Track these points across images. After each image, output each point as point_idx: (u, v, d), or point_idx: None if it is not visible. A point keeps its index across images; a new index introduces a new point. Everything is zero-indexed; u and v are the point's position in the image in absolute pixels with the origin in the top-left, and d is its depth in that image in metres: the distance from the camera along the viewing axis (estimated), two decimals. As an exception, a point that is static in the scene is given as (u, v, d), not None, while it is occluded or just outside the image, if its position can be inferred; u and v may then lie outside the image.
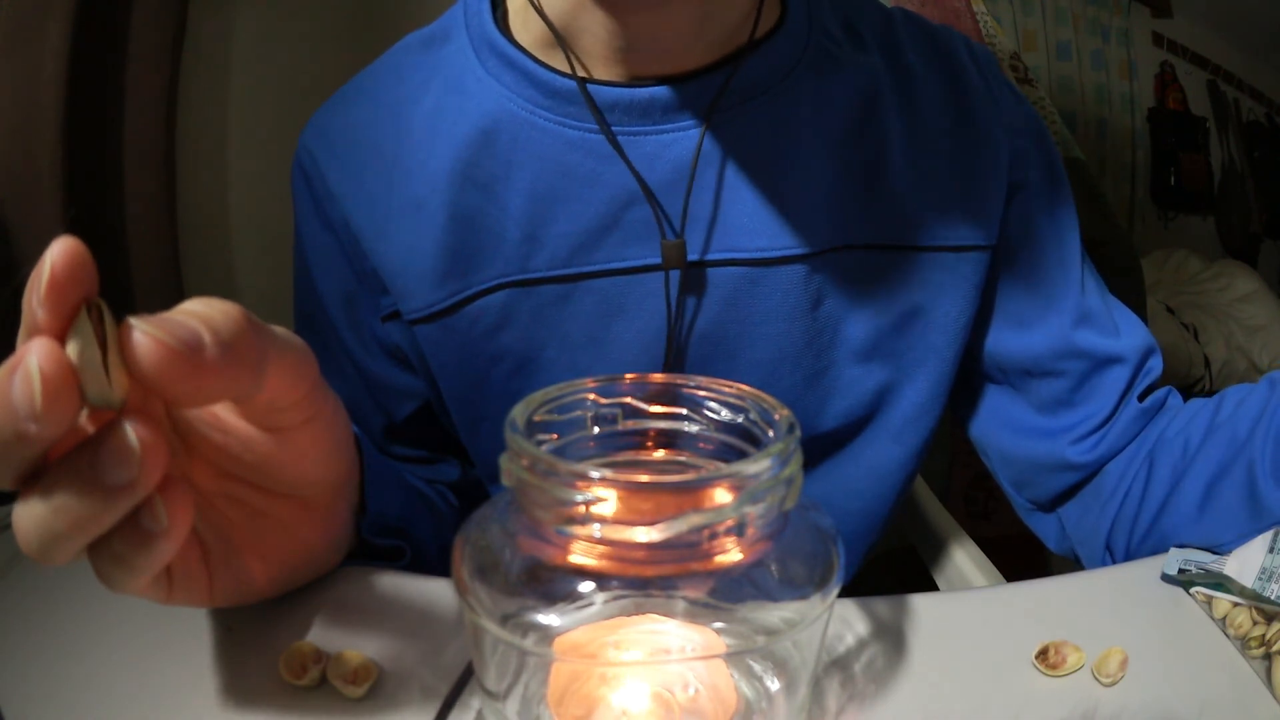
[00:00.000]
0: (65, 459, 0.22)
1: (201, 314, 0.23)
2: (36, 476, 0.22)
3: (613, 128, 0.44)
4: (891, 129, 0.47)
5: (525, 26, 0.46)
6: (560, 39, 0.43)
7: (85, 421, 0.24)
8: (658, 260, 0.45)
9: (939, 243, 0.48)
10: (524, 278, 0.46)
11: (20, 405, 0.20)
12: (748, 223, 0.45)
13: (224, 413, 0.28)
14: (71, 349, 0.21)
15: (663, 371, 0.44)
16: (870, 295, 0.48)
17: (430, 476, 0.54)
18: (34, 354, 0.20)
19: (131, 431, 0.22)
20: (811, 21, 0.47)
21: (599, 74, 0.45)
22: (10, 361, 0.21)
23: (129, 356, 0.22)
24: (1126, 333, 0.51)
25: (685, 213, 0.44)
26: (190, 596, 0.29)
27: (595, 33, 0.43)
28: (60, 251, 0.21)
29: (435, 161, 0.45)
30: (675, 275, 0.45)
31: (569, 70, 0.44)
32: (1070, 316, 0.51)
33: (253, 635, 0.32)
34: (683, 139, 0.44)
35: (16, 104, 0.74)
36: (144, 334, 0.21)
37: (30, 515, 0.22)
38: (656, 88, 0.44)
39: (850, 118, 0.47)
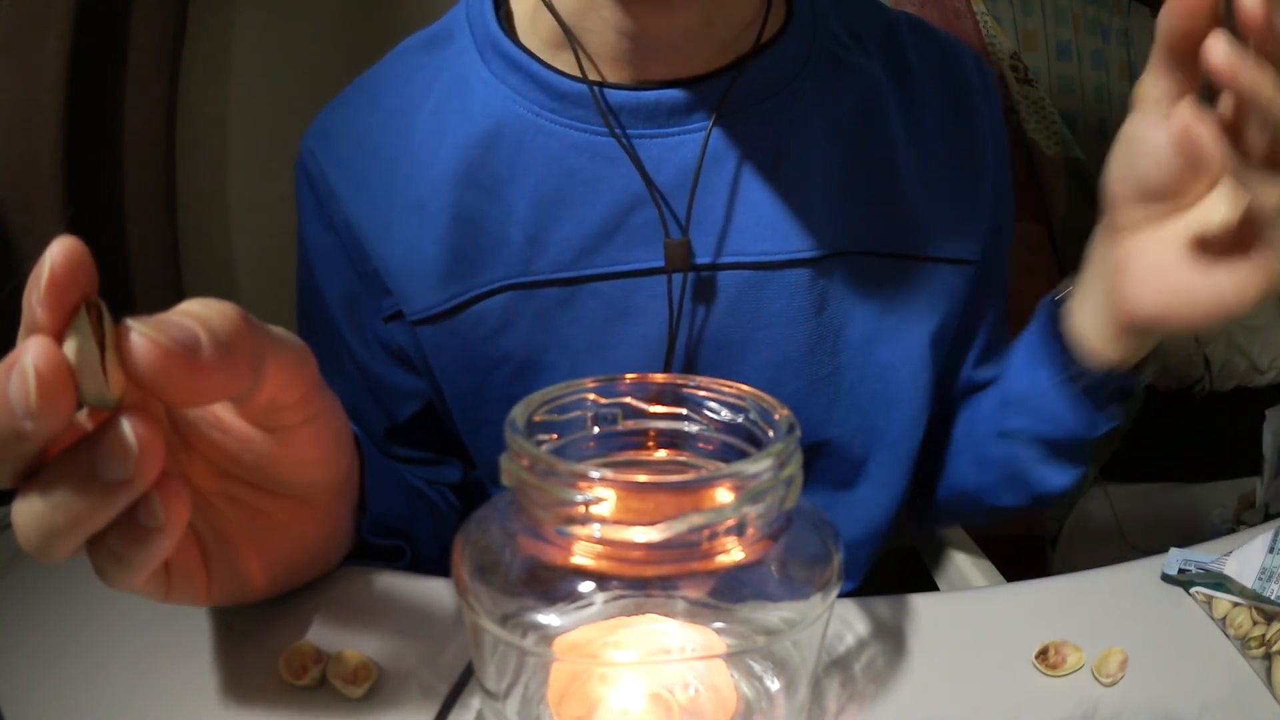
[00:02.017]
0: (64, 455, 0.22)
1: (199, 315, 0.23)
2: (36, 473, 0.22)
3: (619, 130, 0.44)
4: (896, 133, 0.47)
5: (532, 28, 0.46)
6: (571, 37, 0.43)
7: (85, 419, 0.24)
8: (661, 263, 0.45)
9: (936, 254, 0.49)
10: (526, 280, 0.45)
11: (16, 403, 0.20)
12: (753, 226, 0.45)
13: (223, 412, 0.28)
14: (69, 348, 0.21)
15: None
16: (872, 301, 0.48)
17: (431, 478, 0.54)
18: (30, 353, 0.20)
19: (129, 428, 0.22)
20: (817, 24, 0.47)
21: (605, 76, 0.44)
22: (7, 360, 0.21)
23: (126, 359, 0.22)
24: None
25: (689, 214, 0.44)
26: (189, 595, 0.29)
27: (604, 33, 0.43)
28: (60, 251, 0.21)
29: (439, 163, 0.45)
30: (678, 278, 0.45)
31: (575, 72, 0.44)
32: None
33: (253, 635, 0.32)
34: (689, 142, 0.44)
35: (16, 104, 0.74)
36: (141, 336, 0.22)
37: (29, 511, 0.22)
38: (663, 90, 0.43)
39: (855, 121, 0.47)
